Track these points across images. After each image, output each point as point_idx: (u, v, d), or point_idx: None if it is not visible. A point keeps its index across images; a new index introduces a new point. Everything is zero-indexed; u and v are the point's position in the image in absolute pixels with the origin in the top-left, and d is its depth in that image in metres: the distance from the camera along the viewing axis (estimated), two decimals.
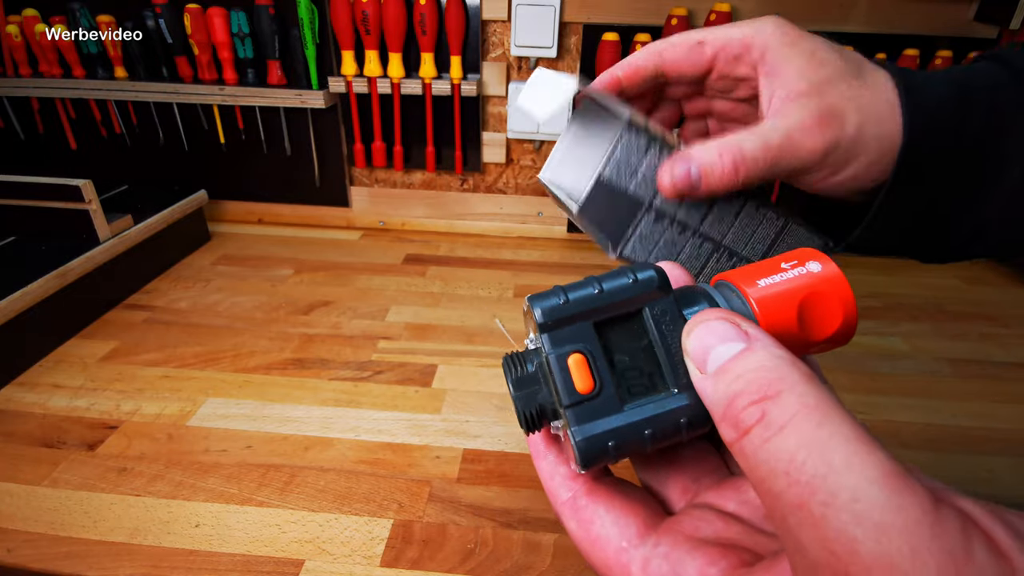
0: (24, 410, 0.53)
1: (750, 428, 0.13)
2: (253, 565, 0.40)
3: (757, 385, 0.13)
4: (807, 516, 0.11)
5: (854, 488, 0.11)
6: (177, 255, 0.82)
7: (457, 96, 0.81)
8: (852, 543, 0.10)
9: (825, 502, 0.11)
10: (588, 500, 0.18)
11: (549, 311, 0.16)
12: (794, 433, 0.12)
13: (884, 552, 0.10)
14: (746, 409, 0.13)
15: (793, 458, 0.11)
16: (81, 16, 0.79)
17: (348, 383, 0.58)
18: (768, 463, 0.12)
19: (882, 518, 0.10)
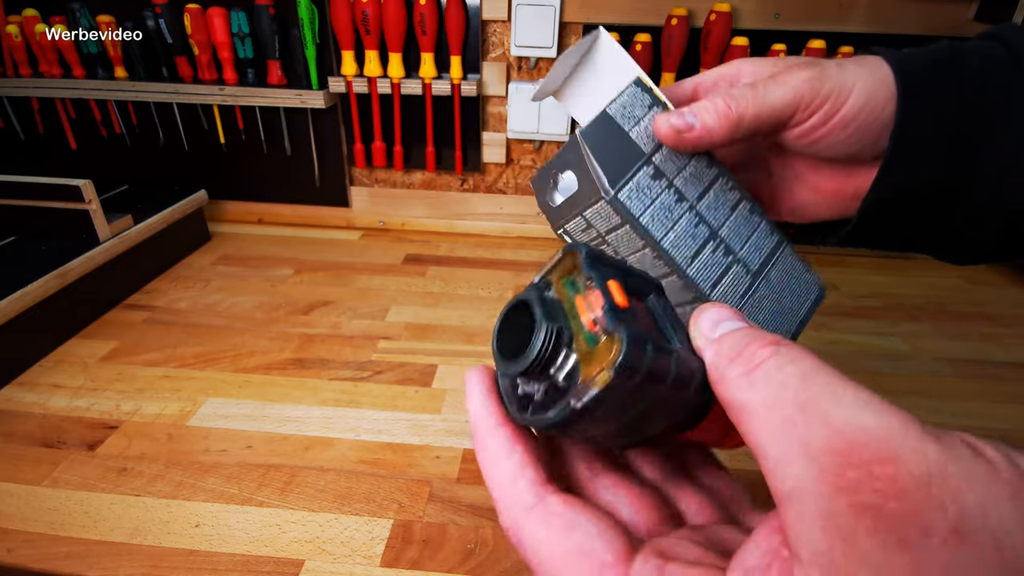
0: (24, 410, 0.53)
1: (763, 361, 0.14)
2: (253, 565, 0.40)
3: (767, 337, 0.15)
4: (818, 411, 0.12)
5: (856, 393, 0.13)
6: (177, 255, 0.82)
7: (457, 96, 0.81)
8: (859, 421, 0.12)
9: (834, 402, 0.12)
10: (565, 507, 0.16)
11: (594, 251, 0.18)
12: (808, 362, 0.14)
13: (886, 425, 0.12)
14: (764, 347, 0.14)
15: (806, 374, 0.13)
16: (81, 16, 0.79)
17: (348, 383, 0.58)
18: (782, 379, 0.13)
19: (879, 407, 0.12)
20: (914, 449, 0.11)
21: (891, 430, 0.12)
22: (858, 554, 0.11)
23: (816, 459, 0.12)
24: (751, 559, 0.14)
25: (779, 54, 0.74)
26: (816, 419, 0.12)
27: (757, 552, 0.14)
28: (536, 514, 0.16)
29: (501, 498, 0.17)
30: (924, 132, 0.26)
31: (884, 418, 0.12)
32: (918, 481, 0.11)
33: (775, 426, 0.13)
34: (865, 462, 0.11)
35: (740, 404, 0.14)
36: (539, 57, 0.80)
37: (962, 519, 0.11)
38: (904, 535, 0.11)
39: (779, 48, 0.74)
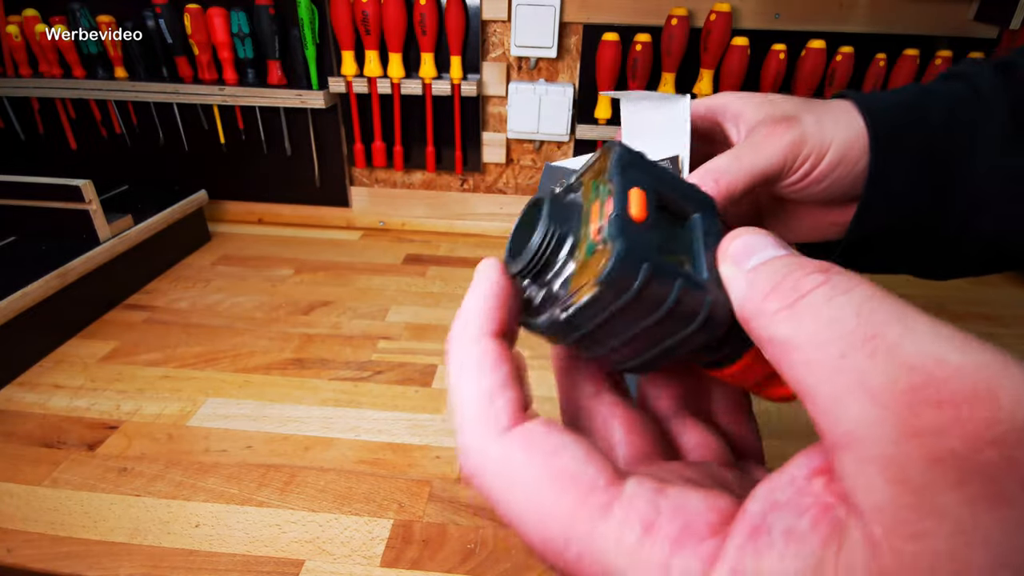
0: (24, 410, 0.53)
1: (812, 289, 0.12)
2: (253, 565, 0.40)
3: (816, 265, 0.13)
4: (883, 343, 0.10)
5: (930, 322, 0.10)
6: (177, 255, 0.82)
7: (457, 96, 0.81)
8: (936, 354, 0.10)
9: (902, 332, 0.10)
10: (547, 429, 0.13)
11: (628, 153, 0.17)
12: (863, 290, 0.11)
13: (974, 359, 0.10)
14: (809, 276, 0.12)
15: (864, 304, 0.11)
16: (81, 16, 0.79)
17: (348, 383, 0.58)
18: (834, 311, 0.11)
19: (963, 341, 0.10)
20: (1019, 390, 0.09)
21: (987, 366, 0.10)
22: (935, 510, 0.09)
23: (882, 398, 0.10)
24: (783, 494, 0.11)
25: (779, 54, 0.74)
26: (882, 353, 0.10)
27: (791, 489, 0.11)
28: (514, 436, 0.13)
29: (469, 418, 0.14)
30: (895, 180, 0.28)
31: (975, 353, 0.10)
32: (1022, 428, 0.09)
33: (827, 363, 0.11)
34: (951, 401, 0.09)
35: (782, 340, 0.12)
36: (539, 57, 0.80)
37: None
38: (999, 489, 0.09)
39: (779, 48, 0.74)
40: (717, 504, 0.12)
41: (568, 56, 0.81)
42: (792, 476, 0.12)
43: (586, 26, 0.78)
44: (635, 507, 0.12)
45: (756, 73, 0.76)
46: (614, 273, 0.13)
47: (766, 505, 0.11)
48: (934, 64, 0.74)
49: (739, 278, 0.14)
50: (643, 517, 0.12)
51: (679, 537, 0.11)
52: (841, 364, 0.11)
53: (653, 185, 0.16)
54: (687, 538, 0.11)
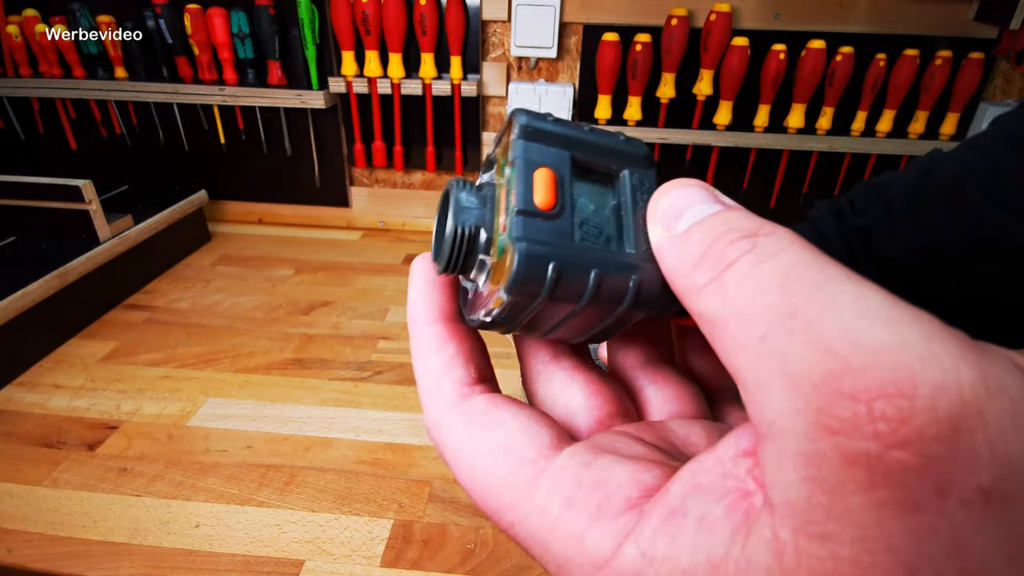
0: (24, 410, 0.53)
1: (736, 259, 0.11)
2: (253, 565, 0.40)
3: (745, 226, 0.12)
4: (800, 322, 0.09)
5: (856, 292, 0.09)
6: (177, 255, 0.82)
7: (457, 96, 0.81)
8: (858, 334, 0.09)
9: (824, 307, 0.09)
10: (488, 403, 0.14)
11: (534, 120, 0.15)
12: (790, 255, 0.10)
13: (896, 338, 0.09)
14: (734, 243, 0.11)
15: (789, 272, 0.10)
16: (81, 16, 0.79)
17: (348, 383, 0.58)
18: (757, 283, 0.10)
19: (889, 313, 0.09)
20: (940, 375, 0.08)
21: (908, 347, 0.08)
22: (841, 512, 0.09)
23: (801, 387, 0.09)
24: (705, 473, 0.11)
25: (779, 54, 0.74)
26: (800, 333, 0.09)
27: (716, 471, 0.11)
28: (457, 412, 0.14)
29: (425, 396, 0.15)
30: None
31: (898, 329, 0.09)
32: (942, 423, 0.08)
33: (751, 344, 0.10)
34: (865, 393, 0.08)
35: (710, 317, 0.11)
36: (539, 57, 0.80)
37: (998, 477, 0.08)
38: (909, 495, 0.08)
39: (779, 48, 0.74)
40: (641, 479, 0.12)
41: (568, 56, 0.81)
42: (719, 457, 0.11)
43: (586, 26, 0.78)
44: (559, 480, 0.12)
45: (756, 73, 0.76)
46: (519, 280, 0.13)
47: (688, 487, 0.11)
48: (934, 64, 0.74)
49: (667, 246, 0.13)
50: (565, 490, 0.12)
51: (596, 511, 0.11)
52: (763, 347, 0.10)
53: (568, 154, 0.15)
54: (603, 512, 0.11)
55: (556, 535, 0.12)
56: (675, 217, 0.13)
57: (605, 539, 0.11)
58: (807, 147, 0.80)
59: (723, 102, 0.78)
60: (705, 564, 0.10)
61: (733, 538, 0.10)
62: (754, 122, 0.80)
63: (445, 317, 0.16)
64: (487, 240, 0.15)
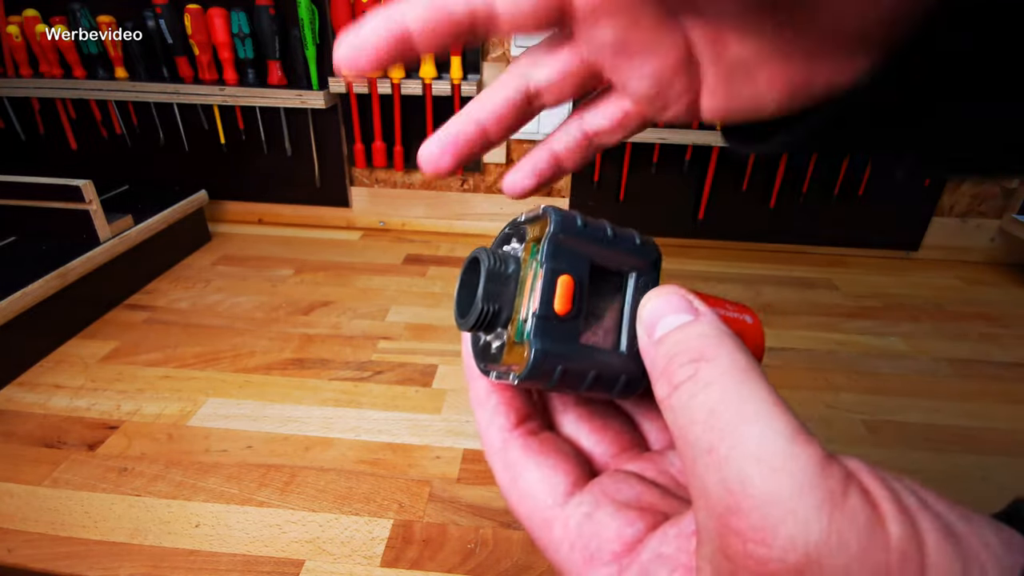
0: (24, 410, 0.53)
1: (682, 383, 0.14)
2: (253, 565, 0.40)
3: (696, 349, 0.14)
4: (714, 459, 0.12)
5: (759, 436, 0.12)
6: (177, 255, 0.82)
7: (457, 96, 0.81)
8: (747, 480, 0.11)
9: (732, 446, 0.12)
10: (520, 454, 0.18)
11: (566, 223, 0.17)
12: (718, 389, 0.13)
13: (773, 489, 0.11)
14: (682, 367, 0.14)
15: (714, 409, 0.13)
16: (81, 16, 0.79)
17: (348, 383, 0.58)
18: (692, 413, 0.13)
19: (777, 462, 0.11)
20: (795, 529, 0.11)
21: (778, 499, 0.11)
22: None
23: (712, 514, 0.12)
24: (666, 547, 0.14)
25: None
26: (713, 470, 0.12)
27: (672, 543, 0.14)
28: (499, 458, 0.18)
29: (481, 439, 0.19)
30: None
31: (776, 480, 0.11)
32: (789, 569, 0.10)
33: (688, 463, 0.13)
34: (746, 535, 0.11)
35: (668, 423, 0.14)
36: None
37: None
38: None
39: None
40: (624, 534, 0.15)
41: None
42: (680, 530, 0.14)
43: None
44: (567, 527, 0.16)
45: None
46: (533, 372, 0.16)
47: (653, 556, 0.14)
48: None
49: (645, 350, 0.16)
50: (570, 536, 0.16)
51: (590, 559, 0.15)
52: (694, 469, 0.13)
53: (587, 260, 0.17)
54: (595, 560, 0.15)
55: (566, 568, 0.16)
56: (652, 325, 0.16)
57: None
58: None
59: None
60: None
61: None
62: None
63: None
64: (507, 318, 0.18)
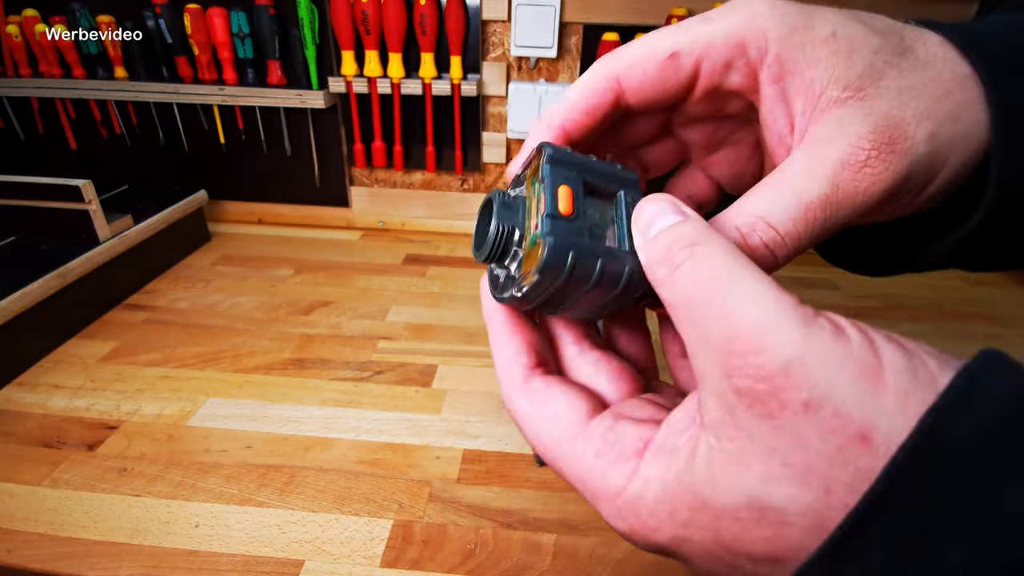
0: (24, 410, 0.53)
1: (682, 263, 0.16)
2: (253, 565, 0.40)
3: (691, 237, 0.17)
4: (715, 309, 0.15)
5: (752, 288, 0.15)
6: (177, 255, 0.82)
7: (457, 96, 0.81)
8: (743, 314, 0.14)
9: (729, 295, 0.15)
10: (543, 383, 0.20)
11: (558, 151, 0.20)
12: (716, 260, 0.16)
13: (762, 316, 0.14)
14: (679, 251, 0.16)
15: (712, 275, 0.15)
16: (81, 16, 0.79)
17: (348, 383, 0.58)
18: (693, 282, 0.16)
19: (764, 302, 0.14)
20: (781, 338, 0.14)
21: (766, 321, 0.14)
22: (737, 422, 0.15)
23: (712, 350, 0.15)
24: (676, 420, 0.17)
25: None
26: (713, 315, 0.15)
27: (680, 413, 0.17)
28: (523, 390, 0.20)
29: (501, 377, 0.21)
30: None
31: (764, 310, 0.14)
32: (779, 366, 0.14)
33: (689, 322, 0.16)
34: (743, 352, 0.14)
35: (668, 303, 0.17)
36: (539, 57, 0.80)
37: (812, 395, 0.13)
38: (768, 409, 0.14)
39: None
40: (644, 435, 0.17)
41: (568, 56, 0.81)
42: (686, 407, 0.17)
43: (586, 26, 0.78)
44: (591, 439, 0.18)
45: None
46: (548, 262, 0.18)
47: (666, 431, 0.17)
48: None
49: (642, 246, 0.18)
50: (595, 445, 0.18)
51: (615, 459, 0.17)
52: (694, 324, 0.16)
53: (580, 177, 0.20)
54: (619, 460, 0.17)
55: (590, 475, 0.17)
56: (648, 226, 0.18)
57: (619, 476, 0.17)
58: None
59: None
60: (675, 476, 0.16)
61: (689, 454, 0.16)
62: None
63: (511, 313, 0.22)
64: (520, 236, 0.20)
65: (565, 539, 0.42)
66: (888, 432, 0.13)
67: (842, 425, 0.13)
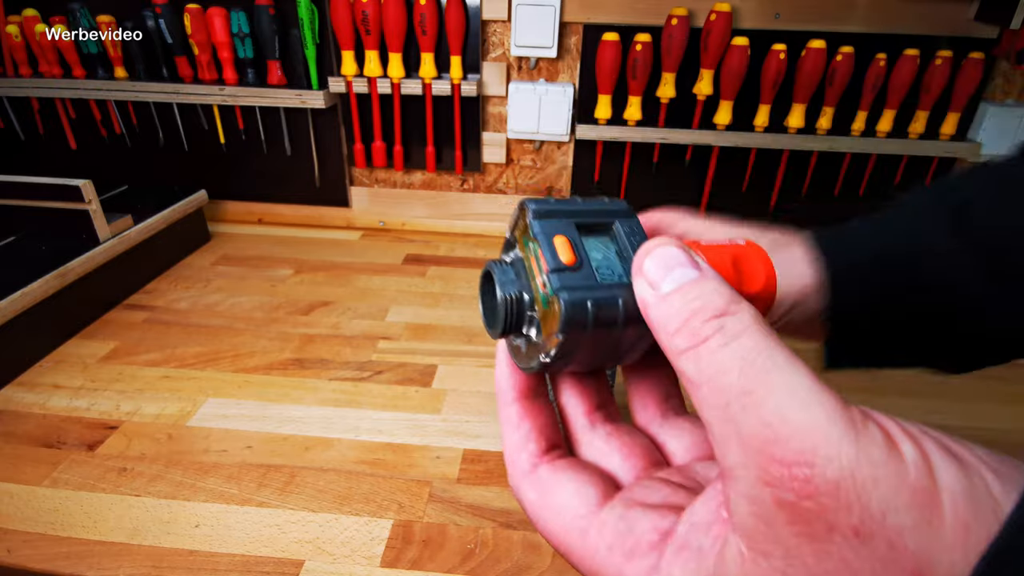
0: (24, 410, 0.53)
1: (709, 337, 0.15)
2: (253, 565, 0.40)
3: (715, 304, 0.15)
4: (752, 399, 0.13)
5: (790, 379, 0.13)
6: (177, 255, 0.82)
7: (457, 96, 0.81)
8: (785, 414, 0.13)
9: (767, 387, 0.13)
10: (550, 472, 0.19)
11: (541, 204, 0.19)
12: (749, 340, 0.14)
13: (808, 419, 0.13)
14: (706, 322, 0.15)
15: (746, 356, 0.14)
16: (81, 16, 0.79)
17: (348, 383, 0.58)
18: (723, 363, 0.14)
19: (807, 399, 0.13)
20: (831, 450, 0.12)
21: (814, 427, 0.13)
22: (776, 537, 0.13)
23: (748, 449, 0.13)
24: (698, 515, 0.16)
25: (779, 54, 0.74)
26: (751, 409, 0.13)
27: (703, 509, 0.16)
28: (529, 479, 0.19)
29: (508, 465, 0.20)
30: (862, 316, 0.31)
31: (810, 412, 0.13)
32: (829, 484, 0.12)
33: (718, 408, 0.14)
34: (786, 461, 0.13)
35: (688, 377, 0.15)
36: (539, 57, 0.80)
37: (863, 521, 0.12)
38: (813, 530, 0.13)
39: (779, 48, 0.74)
40: (659, 525, 0.16)
41: (568, 56, 0.81)
42: (705, 499, 0.16)
43: (586, 26, 0.78)
44: (603, 531, 0.17)
45: (756, 73, 0.76)
46: (569, 319, 0.17)
47: (688, 527, 0.16)
48: (934, 64, 0.74)
49: (652, 304, 0.16)
50: (606, 539, 0.17)
51: (629, 553, 0.16)
52: (726, 412, 0.14)
53: (571, 222, 0.19)
54: (634, 553, 0.16)
55: (605, 570, 0.16)
56: (658, 277, 0.16)
57: (637, 573, 0.16)
58: (807, 147, 0.80)
59: (723, 102, 0.78)
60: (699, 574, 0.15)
61: (718, 558, 0.14)
62: (754, 122, 0.80)
63: (522, 395, 0.21)
64: (530, 300, 0.19)
65: None
66: (946, 571, 0.12)
67: (896, 559, 0.12)
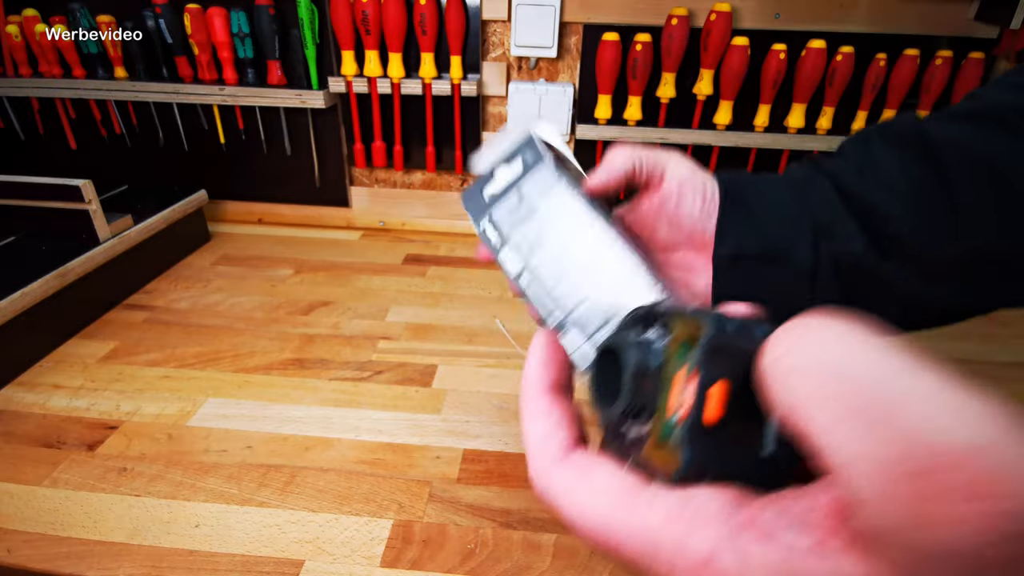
0: (24, 410, 0.53)
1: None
2: (253, 565, 0.40)
3: None
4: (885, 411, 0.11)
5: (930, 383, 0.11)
6: (177, 255, 0.82)
7: (457, 96, 0.81)
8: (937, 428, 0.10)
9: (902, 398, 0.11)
10: (588, 458, 0.18)
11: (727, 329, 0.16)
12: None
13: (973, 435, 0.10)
14: None
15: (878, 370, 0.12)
16: (81, 16, 0.79)
17: (348, 383, 0.58)
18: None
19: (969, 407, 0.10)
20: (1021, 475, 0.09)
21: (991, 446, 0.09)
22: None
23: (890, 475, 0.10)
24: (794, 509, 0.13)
25: (779, 54, 0.74)
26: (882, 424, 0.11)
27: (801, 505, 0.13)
28: (563, 464, 0.18)
29: (535, 453, 0.19)
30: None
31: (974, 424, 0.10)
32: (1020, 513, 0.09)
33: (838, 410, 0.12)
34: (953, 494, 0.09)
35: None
36: (539, 57, 0.80)
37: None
38: None
39: (779, 48, 0.74)
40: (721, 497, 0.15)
41: (568, 56, 0.81)
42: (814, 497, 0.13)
43: (586, 26, 0.78)
44: (656, 501, 0.15)
45: (756, 73, 0.76)
46: (683, 479, 0.15)
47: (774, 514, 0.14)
48: (934, 64, 0.74)
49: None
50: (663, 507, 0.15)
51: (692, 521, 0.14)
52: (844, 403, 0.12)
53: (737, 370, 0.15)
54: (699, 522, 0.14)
55: (661, 540, 0.15)
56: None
57: (703, 543, 0.14)
58: (807, 147, 0.80)
59: (723, 102, 0.78)
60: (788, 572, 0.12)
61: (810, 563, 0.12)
62: (754, 122, 0.80)
63: (555, 388, 0.21)
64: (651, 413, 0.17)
65: (565, 539, 0.42)
66: None
67: None
